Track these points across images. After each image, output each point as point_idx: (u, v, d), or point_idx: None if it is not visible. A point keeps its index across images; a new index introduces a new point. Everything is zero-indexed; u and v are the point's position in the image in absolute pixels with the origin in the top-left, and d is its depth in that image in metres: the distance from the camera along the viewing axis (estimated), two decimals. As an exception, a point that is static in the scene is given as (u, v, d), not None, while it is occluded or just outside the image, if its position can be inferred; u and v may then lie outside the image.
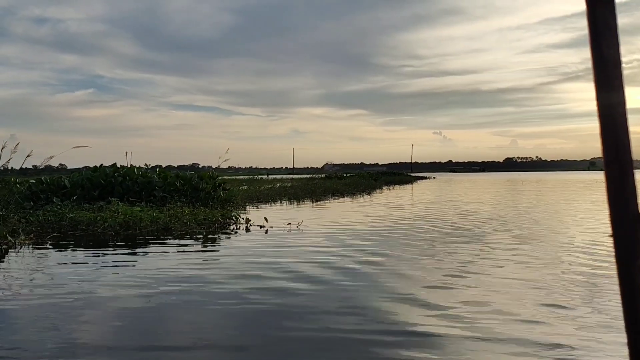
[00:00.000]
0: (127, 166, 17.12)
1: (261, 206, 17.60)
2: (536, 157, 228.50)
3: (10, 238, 8.38)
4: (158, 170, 17.60)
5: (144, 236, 9.40)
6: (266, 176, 46.26)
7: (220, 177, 17.34)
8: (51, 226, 9.88)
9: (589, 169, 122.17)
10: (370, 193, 26.98)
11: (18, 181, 15.69)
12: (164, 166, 33.93)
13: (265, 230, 10.41)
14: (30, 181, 15.04)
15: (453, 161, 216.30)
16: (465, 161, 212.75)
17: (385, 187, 35.06)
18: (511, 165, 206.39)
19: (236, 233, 10.17)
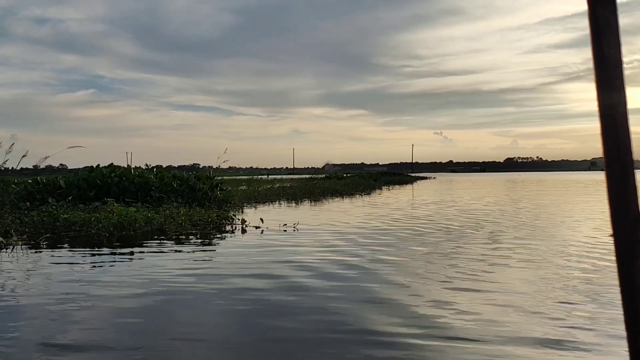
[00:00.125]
0: (127, 166, 17.06)
1: (259, 207, 17.54)
2: (537, 158, 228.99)
3: (1, 239, 8.31)
4: (156, 170, 17.56)
5: (139, 237, 9.34)
6: (266, 176, 46.17)
7: (218, 178, 17.30)
8: (45, 227, 9.82)
9: (590, 169, 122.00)
10: (369, 193, 26.91)
11: (15, 181, 15.65)
12: (165, 166, 33.94)
13: (261, 230, 10.36)
14: (27, 181, 14.99)
15: (454, 161, 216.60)
16: (465, 161, 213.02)
17: (384, 188, 35.00)
18: (512, 165, 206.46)
19: (232, 234, 10.12)
